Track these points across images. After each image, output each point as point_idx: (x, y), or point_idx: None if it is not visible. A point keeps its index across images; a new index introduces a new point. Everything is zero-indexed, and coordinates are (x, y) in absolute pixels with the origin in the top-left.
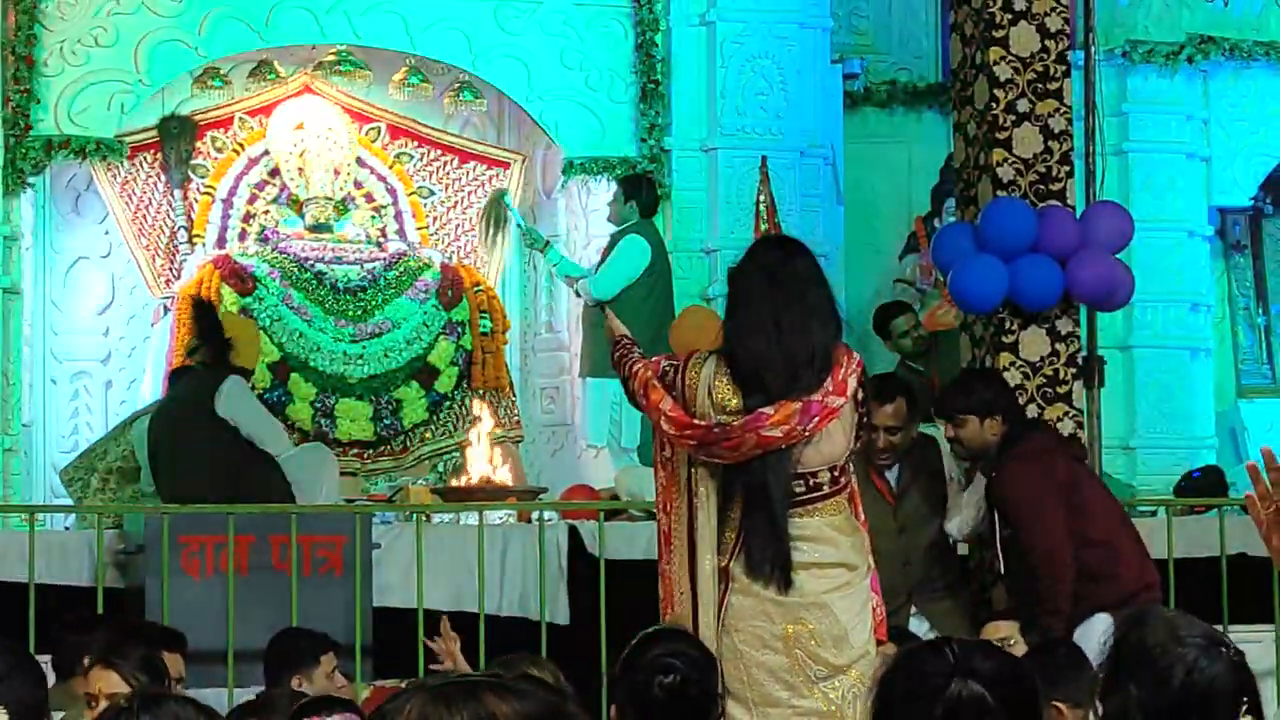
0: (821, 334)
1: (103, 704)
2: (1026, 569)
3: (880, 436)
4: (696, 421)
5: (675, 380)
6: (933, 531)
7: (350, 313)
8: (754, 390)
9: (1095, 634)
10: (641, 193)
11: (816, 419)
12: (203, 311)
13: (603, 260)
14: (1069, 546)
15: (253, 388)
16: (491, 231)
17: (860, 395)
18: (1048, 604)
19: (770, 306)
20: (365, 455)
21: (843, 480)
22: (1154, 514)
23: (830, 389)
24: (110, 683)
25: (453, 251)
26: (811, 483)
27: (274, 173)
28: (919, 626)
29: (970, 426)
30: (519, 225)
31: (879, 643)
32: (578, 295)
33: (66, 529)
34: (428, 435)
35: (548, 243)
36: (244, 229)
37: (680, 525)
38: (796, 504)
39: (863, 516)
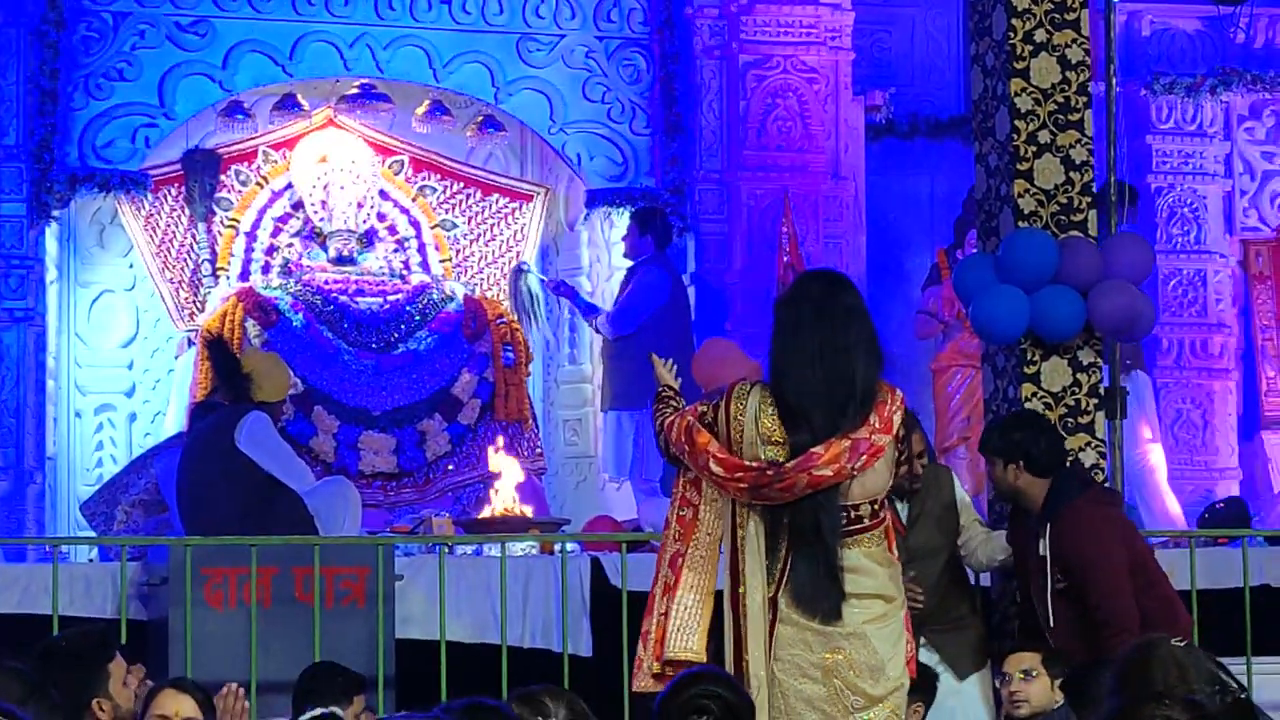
0: (865, 369)
1: None
2: (1090, 621)
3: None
4: (747, 464)
5: (716, 419)
6: (943, 563)
7: (373, 345)
8: (799, 426)
9: None
10: (656, 225)
11: (865, 457)
12: (217, 351)
13: (620, 294)
14: (1133, 600)
15: (281, 420)
16: (526, 306)
17: (901, 432)
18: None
19: (815, 340)
20: (388, 488)
21: (882, 514)
22: (1176, 545)
23: (877, 426)
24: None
25: (475, 284)
26: (853, 515)
27: (297, 206)
28: (929, 658)
29: (995, 468)
30: (541, 283)
31: (910, 678)
32: (598, 332)
33: (90, 561)
34: (450, 467)
35: (572, 290)
36: (267, 262)
37: (702, 556)
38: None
39: (896, 551)
